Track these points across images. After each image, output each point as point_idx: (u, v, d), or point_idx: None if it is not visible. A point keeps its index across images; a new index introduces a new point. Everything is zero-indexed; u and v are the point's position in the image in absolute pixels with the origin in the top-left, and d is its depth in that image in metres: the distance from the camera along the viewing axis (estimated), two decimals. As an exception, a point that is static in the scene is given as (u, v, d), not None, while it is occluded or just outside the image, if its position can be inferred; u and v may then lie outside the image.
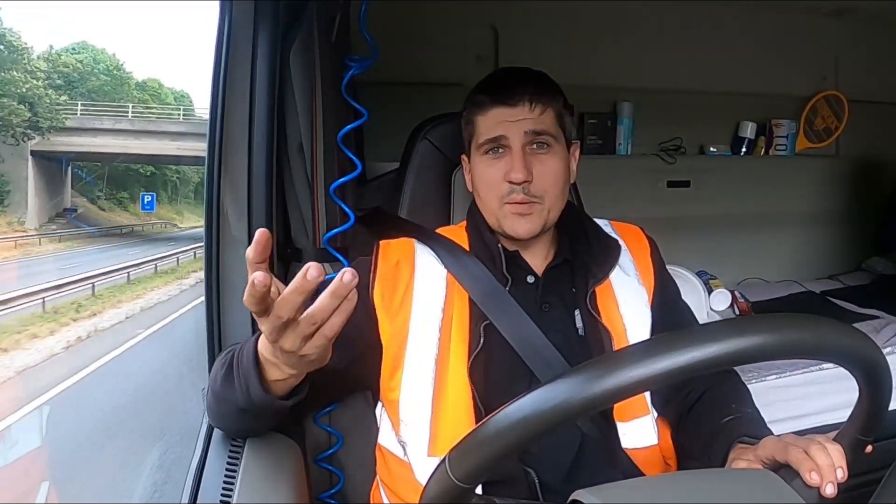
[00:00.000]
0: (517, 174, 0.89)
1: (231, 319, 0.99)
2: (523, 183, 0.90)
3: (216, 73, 0.97)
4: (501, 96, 0.92)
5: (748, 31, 2.02)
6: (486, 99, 0.93)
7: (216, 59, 0.97)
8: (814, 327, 0.52)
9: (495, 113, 0.92)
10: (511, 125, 0.91)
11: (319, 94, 1.05)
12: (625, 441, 0.90)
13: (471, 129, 0.96)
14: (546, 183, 0.91)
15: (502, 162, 0.92)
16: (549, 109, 0.92)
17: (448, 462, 0.54)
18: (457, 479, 0.53)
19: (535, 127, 0.91)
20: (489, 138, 0.92)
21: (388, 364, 0.90)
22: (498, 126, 0.91)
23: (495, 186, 0.92)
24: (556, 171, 0.92)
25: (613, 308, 0.94)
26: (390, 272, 0.93)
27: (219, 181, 0.98)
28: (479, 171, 0.94)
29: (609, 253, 0.97)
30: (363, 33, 1.11)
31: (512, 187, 0.90)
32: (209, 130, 0.99)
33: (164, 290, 9.99)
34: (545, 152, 0.92)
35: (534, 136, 0.91)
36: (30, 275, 9.72)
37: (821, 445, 0.65)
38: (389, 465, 0.92)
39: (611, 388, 0.49)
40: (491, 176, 0.92)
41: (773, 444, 0.71)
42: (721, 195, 2.04)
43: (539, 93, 0.92)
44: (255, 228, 0.98)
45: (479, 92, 0.95)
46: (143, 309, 8.68)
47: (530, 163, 0.90)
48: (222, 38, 0.96)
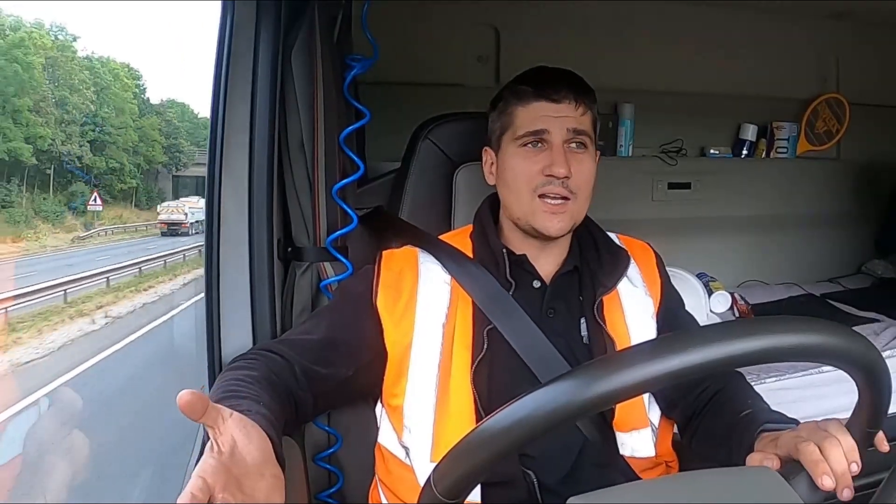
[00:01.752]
0: (560, 168, 0.89)
1: (231, 318, 0.99)
2: (563, 178, 0.90)
3: (217, 72, 0.97)
4: (547, 90, 0.91)
5: (749, 34, 2.02)
6: (530, 91, 0.92)
7: (217, 58, 0.97)
8: (812, 330, 0.52)
9: (538, 106, 0.91)
10: (554, 120, 0.91)
11: (321, 94, 1.04)
12: (623, 450, 0.91)
13: (507, 119, 0.95)
14: (581, 181, 0.92)
15: (542, 156, 0.91)
16: (589, 112, 0.93)
17: (433, 479, 0.55)
18: (441, 496, 0.54)
19: (577, 126, 0.91)
20: (530, 131, 0.91)
21: (392, 371, 0.90)
22: (540, 120, 0.91)
23: (531, 179, 0.91)
24: (590, 171, 0.93)
25: (619, 318, 0.94)
26: (393, 280, 0.93)
27: (220, 180, 0.98)
28: (514, 162, 0.93)
29: (618, 263, 0.97)
30: (365, 33, 1.11)
31: (550, 180, 0.90)
32: (210, 130, 0.99)
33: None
34: (582, 152, 0.92)
35: (574, 134, 0.91)
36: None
37: (835, 440, 0.64)
38: (389, 466, 0.92)
39: (591, 396, 0.49)
40: (527, 168, 0.92)
41: (788, 440, 0.69)
42: (722, 197, 2.03)
43: (582, 93, 0.92)
44: (255, 227, 0.98)
45: (521, 83, 0.94)
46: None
47: (569, 160, 0.90)
48: (224, 38, 0.96)
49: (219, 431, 0.58)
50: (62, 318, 6.36)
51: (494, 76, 1.87)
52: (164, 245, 11.09)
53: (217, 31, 0.96)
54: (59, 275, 7.43)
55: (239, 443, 0.59)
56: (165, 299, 8.60)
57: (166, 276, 9.78)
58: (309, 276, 1.08)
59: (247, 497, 0.56)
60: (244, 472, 0.58)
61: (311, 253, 1.08)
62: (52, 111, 9.45)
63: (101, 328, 6.79)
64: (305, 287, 1.08)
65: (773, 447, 0.71)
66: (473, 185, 1.13)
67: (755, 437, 0.76)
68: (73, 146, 10.88)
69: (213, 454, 0.57)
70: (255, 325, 0.99)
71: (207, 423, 0.58)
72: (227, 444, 0.58)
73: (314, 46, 1.03)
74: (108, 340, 6.24)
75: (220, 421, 0.59)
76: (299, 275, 1.08)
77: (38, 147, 4.33)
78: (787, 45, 2.07)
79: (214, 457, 0.57)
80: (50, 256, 9.30)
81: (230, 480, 0.56)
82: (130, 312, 7.64)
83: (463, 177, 1.18)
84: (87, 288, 7.77)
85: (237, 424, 0.60)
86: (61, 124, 8.60)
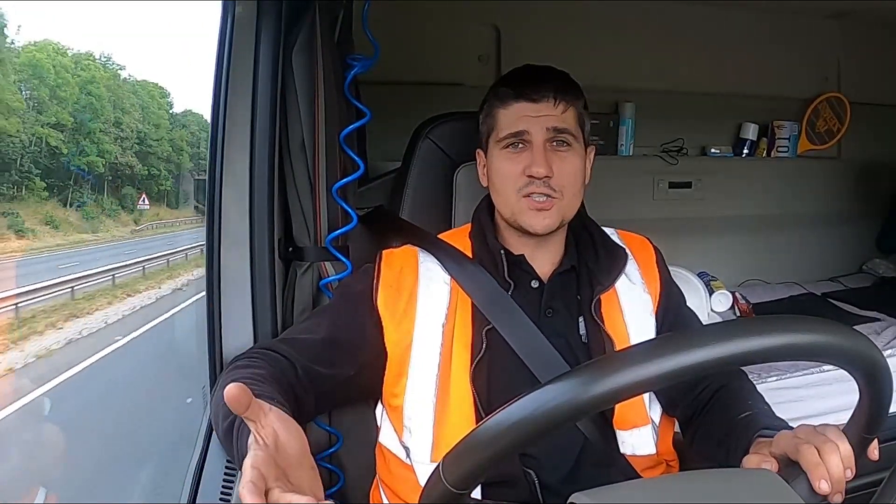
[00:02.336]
0: (539, 168, 0.89)
1: (231, 317, 0.99)
2: (544, 178, 0.90)
3: (218, 71, 0.97)
4: (525, 91, 0.91)
5: (750, 33, 2.02)
6: (510, 93, 0.92)
7: (218, 57, 0.97)
8: (814, 329, 0.52)
9: (518, 107, 0.91)
10: (533, 120, 0.91)
11: (321, 93, 1.04)
12: (623, 448, 0.90)
13: (491, 122, 0.95)
14: (565, 179, 0.91)
15: (522, 156, 0.91)
16: (572, 108, 0.93)
17: (442, 468, 0.55)
18: (450, 485, 0.54)
19: (558, 124, 0.91)
20: (511, 132, 0.92)
21: (393, 371, 0.90)
22: (520, 121, 0.91)
23: (514, 180, 0.91)
24: (574, 168, 0.93)
25: (618, 316, 0.94)
26: (394, 279, 0.93)
27: (220, 180, 0.98)
28: (498, 164, 0.94)
29: (615, 261, 0.97)
30: (366, 33, 1.11)
31: (531, 180, 0.90)
32: (211, 129, 0.99)
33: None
34: (565, 150, 0.92)
35: (555, 133, 0.91)
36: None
37: (834, 446, 0.64)
38: (390, 466, 0.92)
39: (602, 392, 0.49)
40: (510, 170, 0.92)
41: (786, 441, 0.69)
42: (723, 196, 2.03)
43: (563, 91, 0.92)
44: (256, 227, 0.98)
45: (502, 85, 0.94)
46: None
47: (550, 159, 0.90)
48: (225, 37, 0.96)
49: (260, 425, 0.59)
50: (142, 286, 7.32)
51: (495, 75, 1.85)
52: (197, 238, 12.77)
53: (218, 30, 0.97)
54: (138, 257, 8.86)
55: (280, 436, 0.60)
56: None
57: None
58: (310, 276, 1.08)
59: (294, 487, 0.57)
60: (288, 464, 0.59)
61: (311, 252, 1.08)
62: (112, 130, 11.63)
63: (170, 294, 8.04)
64: (306, 286, 1.08)
65: (769, 447, 0.71)
66: (474, 184, 1.13)
67: (752, 440, 0.76)
68: (127, 157, 13.56)
69: (260, 447, 0.58)
70: (255, 325, 0.99)
71: (250, 417, 0.58)
72: (270, 438, 0.59)
73: (315, 46, 1.03)
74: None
75: (261, 415, 0.59)
76: (300, 274, 1.08)
77: (107, 160, 5.56)
78: (788, 44, 2.06)
79: (262, 449, 0.58)
80: (113, 244, 10.62)
81: (279, 472, 0.57)
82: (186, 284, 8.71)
83: (463, 176, 1.18)
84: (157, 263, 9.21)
85: (278, 418, 0.61)
86: (117, 140, 10.93)
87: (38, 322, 5.50)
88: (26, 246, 4.89)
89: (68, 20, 10.34)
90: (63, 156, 6.56)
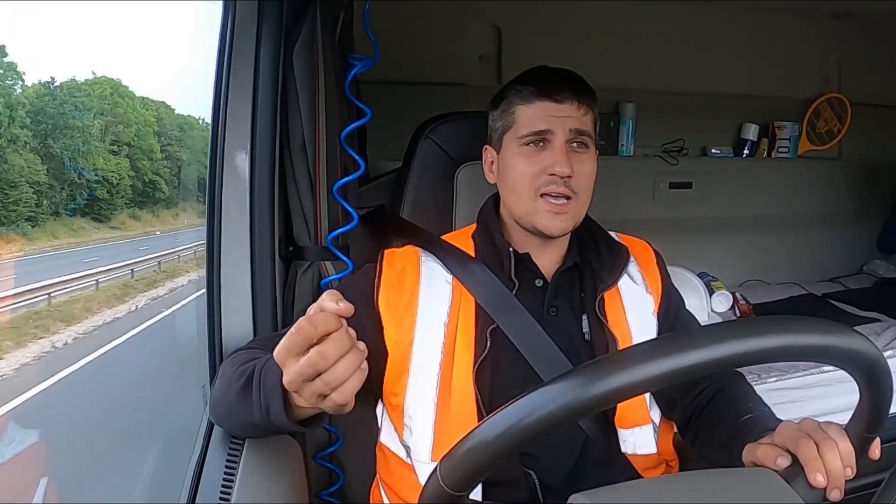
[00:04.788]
0: (562, 168, 0.89)
1: (232, 317, 0.99)
2: (566, 178, 0.90)
3: (219, 71, 0.97)
4: (549, 90, 0.91)
5: (751, 33, 2.02)
6: (533, 91, 0.92)
7: (219, 57, 0.97)
8: (814, 330, 0.52)
9: (542, 106, 0.91)
10: (557, 120, 0.91)
11: (322, 93, 1.04)
12: (625, 447, 0.90)
13: (509, 119, 0.94)
14: (583, 181, 0.92)
15: (543, 155, 0.91)
16: (591, 112, 0.93)
17: (439, 471, 0.55)
18: (448, 487, 0.54)
19: (579, 126, 0.91)
20: (533, 131, 0.91)
21: (393, 370, 0.90)
22: (542, 119, 0.91)
23: (533, 178, 0.91)
24: (591, 171, 0.93)
25: (621, 314, 0.94)
26: (395, 278, 0.93)
27: (221, 179, 0.98)
28: (516, 162, 0.93)
29: (618, 259, 0.97)
30: (366, 32, 1.11)
31: (553, 179, 0.90)
32: (212, 129, 0.99)
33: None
34: (584, 152, 0.92)
35: (576, 134, 0.91)
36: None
37: (833, 443, 0.64)
38: (391, 465, 0.92)
39: (602, 392, 0.49)
40: (530, 168, 0.92)
41: (788, 433, 0.69)
42: (723, 197, 2.03)
43: (584, 94, 0.92)
44: (256, 226, 0.98)
45: (523, 83, 0.94)
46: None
47: (571, 159, 0.90)
48: (225, 37, 0.96)
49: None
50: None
51: (496, 75, 1.87)
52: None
53: (218, 30, 0.97)
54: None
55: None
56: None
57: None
58: (310, 275, 1.08)
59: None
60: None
61: (312, 252, 1.08)
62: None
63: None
64: (307, 286, 1.08)
65: (767, 438, 0.71)
66: (474, 184, 1.13)
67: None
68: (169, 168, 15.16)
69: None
70: (256, 324, 0.99)
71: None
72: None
73: (316, 45, 1.03)
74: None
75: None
76: (300, 273, 1.08)
77: (162, 175, 6.39)
78: (788, 44, 2.06)
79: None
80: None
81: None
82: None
83: (464, 176, 1.18)
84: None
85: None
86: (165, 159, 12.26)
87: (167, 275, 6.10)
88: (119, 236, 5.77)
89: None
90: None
